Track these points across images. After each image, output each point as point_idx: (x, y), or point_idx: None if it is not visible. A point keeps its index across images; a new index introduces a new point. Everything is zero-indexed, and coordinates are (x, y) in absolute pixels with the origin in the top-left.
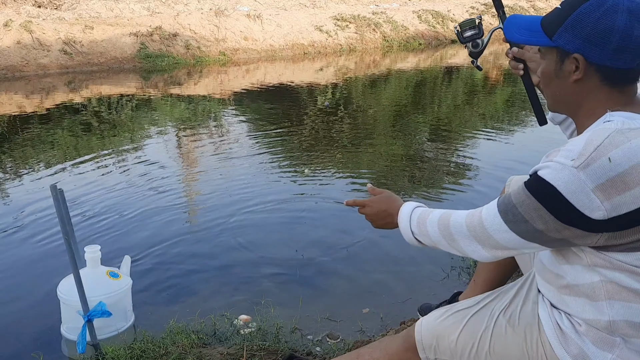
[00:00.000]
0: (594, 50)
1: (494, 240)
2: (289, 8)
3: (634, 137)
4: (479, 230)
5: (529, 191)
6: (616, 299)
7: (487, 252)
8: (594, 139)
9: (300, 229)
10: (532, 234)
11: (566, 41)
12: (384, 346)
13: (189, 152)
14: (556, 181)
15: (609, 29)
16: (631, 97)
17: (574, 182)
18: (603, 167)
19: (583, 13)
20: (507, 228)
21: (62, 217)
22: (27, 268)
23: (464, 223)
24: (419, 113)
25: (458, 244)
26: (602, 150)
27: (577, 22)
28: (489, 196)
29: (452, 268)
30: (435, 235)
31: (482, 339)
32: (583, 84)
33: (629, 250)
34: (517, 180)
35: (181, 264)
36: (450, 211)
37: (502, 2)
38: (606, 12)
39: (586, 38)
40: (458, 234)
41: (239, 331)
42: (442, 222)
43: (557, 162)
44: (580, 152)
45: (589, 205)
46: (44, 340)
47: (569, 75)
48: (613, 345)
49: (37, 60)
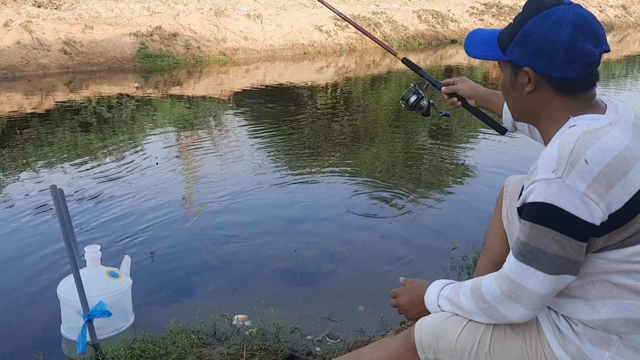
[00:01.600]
0: (543, 63)
1: (528, 292)
2: (289, 8)
3: (602, 135)
4: (511, 287)
5: (529, 221)
6: (608, 297)
7: (527, 307)
8: (565, 145)
9: (300, 229)
10: (556, 264)
11: (517, 55)
12: (383, 346)
13: (189, 152)
14: (548, 197)
15: (554, 43)
16: (589, 102)
17: (565, 191)
18: (584, 169)
19: (530, 28)
20: (533, 270)
21: (62, 217)
22: (27, 268)
23: (495, 285)
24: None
25: (497, 311)
26: (576, 154)
27: (525, 37)
28: (488, 196)
29: (452, 268)
30: (471, 308)
31: (482, 340)
32: (537, 94)
33: (619, 247)
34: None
35: (181, 264)
36: (477, 279)
37: (418, 65)
38: (551, 27)
39: (534, 52)
40: (494, 300)
41: (239, 331)
42: (475, 293)
43: (540, 179)
44: (558, 162)
45: (588, 211)
46: (44, 340)
47: (523, 87)
48: (610, 343)
49: (37, 60)
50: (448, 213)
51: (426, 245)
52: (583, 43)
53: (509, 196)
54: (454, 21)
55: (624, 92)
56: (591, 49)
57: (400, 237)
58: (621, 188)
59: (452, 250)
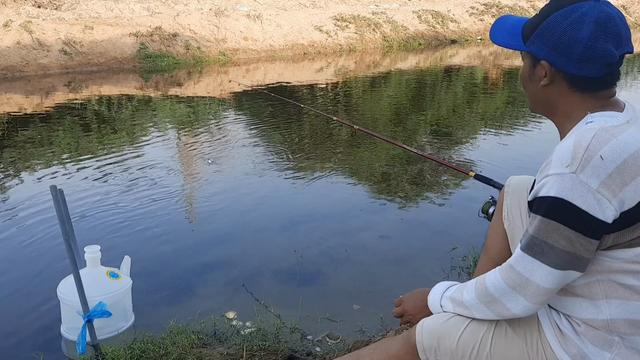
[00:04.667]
0: (560, 58)
1: (533, 285)
2: (289, 8)
3: (619, 133)
4: (516, 279)
5: (540, 215)
6: (613, 297)
7: (531, 301)
8: (581, 141)
9: (300, 229)
10: (563, 260)
11: (536, 47)
12: (384, 347)
13: (189, 152)
14: (560, 192)
15: (573, 40)
16: (607, 100)
17: (578, 186)
18: (599, 165)
19: (552, 22)
20: (538, 263)
21: (62, 217)
22: (27, 268)
23: (500, 277)
24: (419, 113)
25: (500, 303)
26: (592, 149)
27: (546, 30)
28: (489, 196)
29: (452, 268)
30: (473, 303)
31: (483, 341)
32: (552, 89)
33: (628, 246)
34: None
35: (181, 264)
36: (481, 276)
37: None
38: (573, 23)
39: (553, 46)
40: (498, 292)
41: (239, 331)
42: (479, 287)
43: (554, 174)
44: (573, 157)
45: (600, 208)
46: (44, 340)
47: (540, 79)
48: (611, 345)
49: (37, 60)
50: (448, 213)
51: (426, 245)
52: (603, 43)
53: (510, 197)
54: (454, 21)
55: (624, 91)
56: (611, 49)
57: (400, 237)
58: (634, 187)
59: (452, 250)
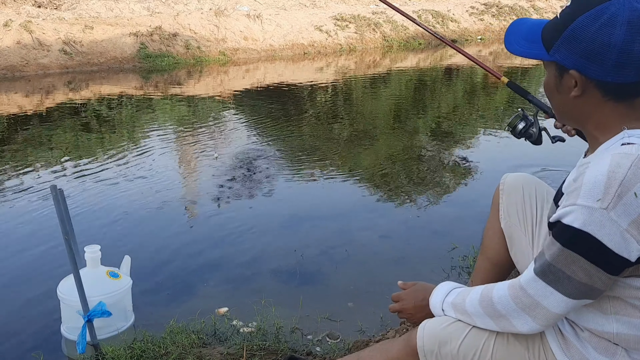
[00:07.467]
0: (592, 67)
1: (542, 309)
2: (289, 8)
3: None
4: (525, 300)
5: (561, 244)
6: (622, 314)
7: (538, 323)
8: (616, 172)
9: (300, 229)
10: (579, 290)
11: (563, 56)
12: (384, 349)
13: (189, 152)
14: (587, 226)
15: (606, 45)
16: None
17: (607, 224)
18: (631, 204)
19: (579, 27)
20: (552, 290)
21: (62, 217)
22: (27, 268)
23: (509, 295)
24: (419, 112)
25: (507, 320)
26: (626, 185)
27: (573, 36)
28: (488, 195)
29: (453, 268)
30: (477, 314)
31: (485, 347)
32: (584, 99)
33: None
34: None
35: (181, 264)
36: (489, 287)
37: (526, 90)
38: (602, 27)
39: (583, 54)
40: (506, 309)
41: (239, 331)
42: (484, 300)
43: (583, 205)
44: (605, 191)
45: (626, 247)
46: (44, 340)
47: (569, 90)
48: (615, 354)
49: (37, 60)
50: (448, 213)
51: (426, 245)
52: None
53: (506, 195)
54: (454, 21)
55: None
56: None
57: (400, 237)
58: None
59: (452, 250)
